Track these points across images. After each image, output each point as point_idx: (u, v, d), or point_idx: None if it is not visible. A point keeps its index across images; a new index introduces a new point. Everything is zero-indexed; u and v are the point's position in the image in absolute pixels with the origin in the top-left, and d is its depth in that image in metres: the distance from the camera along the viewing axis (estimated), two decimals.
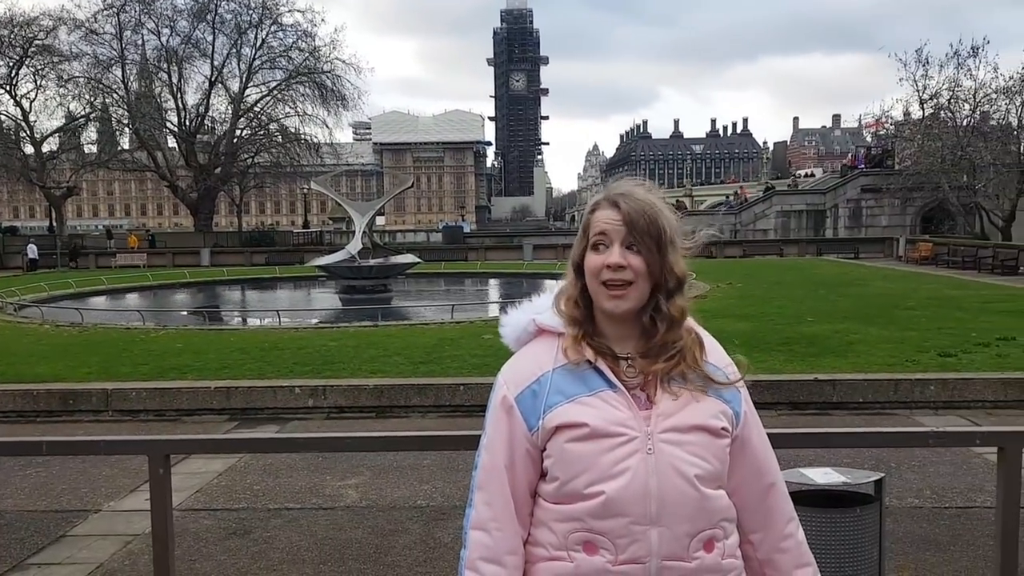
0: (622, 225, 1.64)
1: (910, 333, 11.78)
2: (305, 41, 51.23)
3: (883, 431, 3.56)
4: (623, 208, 1.65)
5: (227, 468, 6.65)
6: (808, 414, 8.42)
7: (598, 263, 1.63)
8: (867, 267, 28.86)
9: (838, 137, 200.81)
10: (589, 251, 1.66)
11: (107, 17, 48.39)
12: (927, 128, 39.98)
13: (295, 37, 51.33)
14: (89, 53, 48.86)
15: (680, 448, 1.60)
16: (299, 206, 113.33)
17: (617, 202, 1.66)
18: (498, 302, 21.63)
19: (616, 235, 1.64)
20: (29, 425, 8.73)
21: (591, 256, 1.65)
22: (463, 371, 9.55)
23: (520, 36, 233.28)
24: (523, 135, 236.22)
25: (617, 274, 1.62)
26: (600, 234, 1.65)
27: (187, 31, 50.20)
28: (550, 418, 1.62)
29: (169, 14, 49.89)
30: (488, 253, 42.54)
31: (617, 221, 1.64)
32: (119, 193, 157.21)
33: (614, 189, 1.70)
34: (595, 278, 1.64)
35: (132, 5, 48.68)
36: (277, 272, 31.20)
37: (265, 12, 50.29)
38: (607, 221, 1.65)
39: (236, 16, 50.42)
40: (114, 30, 48.77)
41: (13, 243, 44.92)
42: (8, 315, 16.89)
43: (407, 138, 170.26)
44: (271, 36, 51.50)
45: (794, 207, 47.46)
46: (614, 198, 1.67)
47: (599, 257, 1.64)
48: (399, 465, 6.64)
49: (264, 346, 11.71)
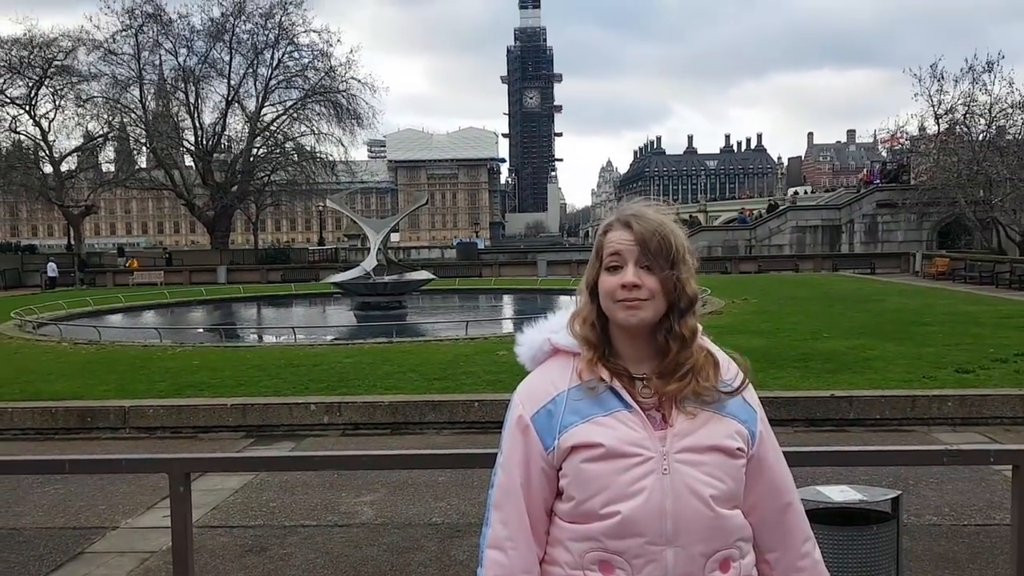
0: (635, 245, 1.65)
1: (927, 349, 11.70)
2: (321, 61, 51.75)
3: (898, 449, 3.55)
4: (635, 228, 1.66)
5: (243, 485, 6.68)
6: (825, 431, 8.38)
7: (613, 283, 1.65)
8: (883, 282, 28.70)
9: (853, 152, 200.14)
10: (603, 272, 1.68)
11: (125, 38, 49.08)
12: (943, 143, 39.85)
13: (311, 57, 51.87)
14: (107, 73, 49.55)
15: (696, 468, 1.61)
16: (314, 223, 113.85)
17: (629, 223, 1.68)
18: (512, 318, 21.63)
19: (630, 255, 1.65)
20: (48, 442, 8.79)
21: (605, 277, 1.67)
22: (477, 388, 9.56)
23: (534, 54, 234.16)
24: (537, 152, 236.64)
25: (632, 293, 1.63)
26: (614, 255, 1.66)
27: (204, 51, 50.79)
28: (566, 438, 1.63)
29: (187, 35, 50.53)
30: (502, 269, 42.58)
31: (630, 241, 1.66)
32: (136, 211, 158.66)
33: (625, 210, 1.72)
34: (610, 298, 1.65)
35: (150, 26, 49.33)
36: (293, 289, 31.34)
37: (282, 32, 50.82)
38: (620, 242, 1.67)
39: (253, 36, 50.97)
40: (132, 51, 49.45)
41: (32, 261, 45.28)
42: (27, 333, 17.02)
43: (421, 155, 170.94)
44: (287, 56, 52.06)
45: (809, 222, 47.29)
46: (626, 219, 1.69)
47: (614, 278, 1.65)
48: (414, 482, 6.65)
49: (280, 363, 11.76)
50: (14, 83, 48.50)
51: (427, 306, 25.40)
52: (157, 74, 51.92)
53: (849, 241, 45.26)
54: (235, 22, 50.17)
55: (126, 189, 70.56)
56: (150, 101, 51.81)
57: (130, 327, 20.50)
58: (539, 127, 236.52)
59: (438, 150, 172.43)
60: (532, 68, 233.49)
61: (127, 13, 48.32)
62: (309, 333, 17.33)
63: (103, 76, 49.44)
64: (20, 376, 11.25)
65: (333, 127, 52.21)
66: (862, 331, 13.95)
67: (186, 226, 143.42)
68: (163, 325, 19.98)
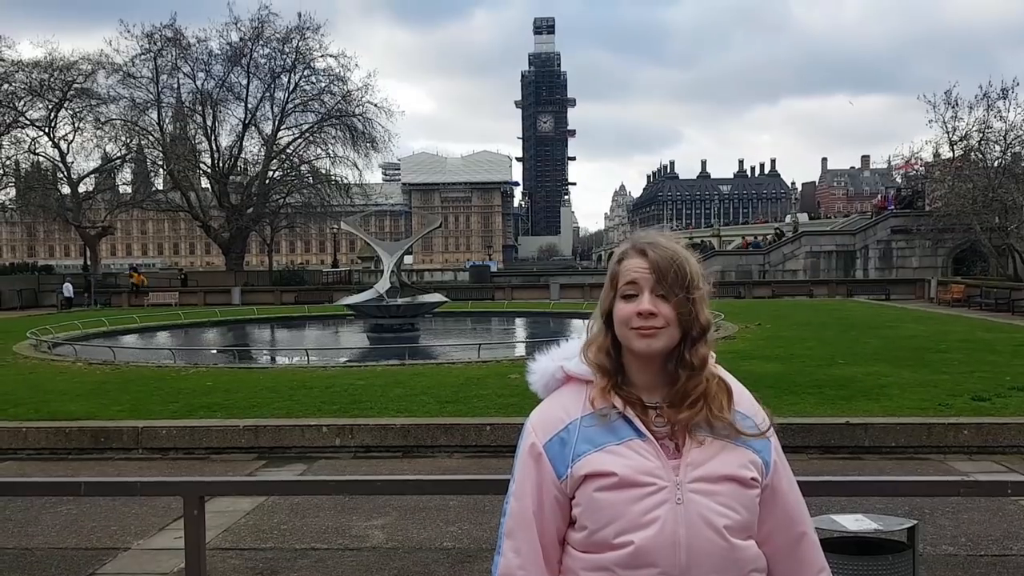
0: (651, 273, 1.65)
1: (943, 376, 11.61)
2: (337, 85, 52.16)
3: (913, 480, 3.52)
4: (651, 256, 1.67)
5: (255, 507, 6.67)
6: (840, 458, 8.31)
7: (629, 311, 1.65)
8: (898, 309, 28.53)
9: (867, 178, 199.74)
10: (619, 300, 1.68)
11: (144, 61, 49.61)
12: (958, 169, 39.72)
13: (327, 81, 52.27)
14: (126, 96, 50.05)
15: (709, 498, 1.60)
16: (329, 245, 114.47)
17: (645, 251, 1.68)
18: (525, 342, 21.63)
19: (645, 283, 1.65)
20: (61, 462, 8.83)
21: (621, 305, 1.67)
22: (489, 411, 9.54)
23: (547, 79, 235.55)
24: (550, 175, 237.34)
25: (648, 321, 1.63)
26: (630, 283, 1.67)
27: (222, 75, 51.28)
28: (578, 466, 1.63)
29: (205, 59, 51.03)
30: (515, 292, 42.56)
31: (646, 269, 1.66)
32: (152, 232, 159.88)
33: (640, 238, 1.73)
34: (625, 326, 1.65)
35: (169, 50, 49.86)
36: (307, 311, 31.44)
37: (299, 57, 51.29)
38: (636, 270, 1.67)
39: (270, 61, 51.48)
40: (151, 74, 49.96)
41: (48, 281, 45.64)
42: (42, 353, 17.13)
43: (435, 179, 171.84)
44: (304, 80, 52.49)
45: (823, 248, 47.15)
46: (641, 247, 1.69)
47: (629, 306, 1.65)
48: (425, 506, 6.62)
49: (293, 385, 11.78)
50: (34, 105, 49.08)
51: (439, 328, 25.41)
52: (175, 97, 52.51)
53: (863, 267, 45.08)
54: (253, 46, 50.73)
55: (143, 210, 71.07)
56: (168, 124, 52.32)
57: (144, 348, 20.61)
58: (552, 151, 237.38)
59: (452, 173, 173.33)
60: (546, 93, 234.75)
61: (147, 37, 48.96)
62: (322, 355, 17.37)
63: (122, 99, 50.02)
64: (35, 396, 11.32)
65: (348, 150, 52.64)
66: (877, 357, 13.85)
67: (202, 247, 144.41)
68: (177, 346, 20.07)
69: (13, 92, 48.04)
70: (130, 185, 58.21)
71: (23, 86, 48.17)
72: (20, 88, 48.15)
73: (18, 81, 48.06)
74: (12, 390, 11.91)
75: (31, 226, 68.06)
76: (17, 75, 47.94)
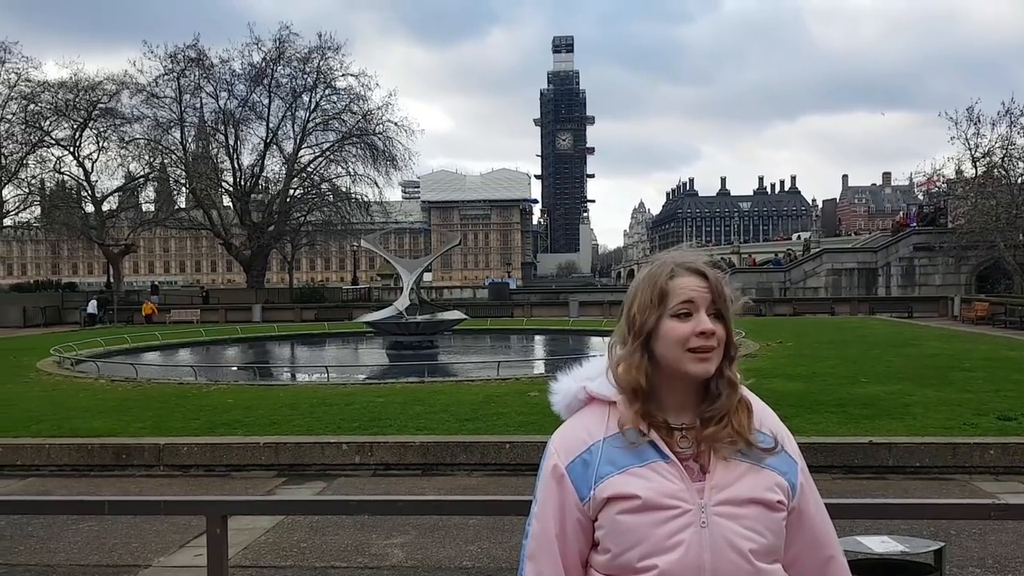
0: (708, 292, 1.64)
1: (967, 395, 11.47)
2: (358, 104, 52.56)
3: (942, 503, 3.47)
4: (711, 276, 1.66)
5: (275, 524, 6.68)
6: (863, 478, 8.22)
7: (686, 331, 1.62)
8: (921, 327, 28.26)
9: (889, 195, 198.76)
10: (669, 319, 1.64)
11: (168, 81, 50.23)
12: (980, 186, 39.45)
13: (348, 100, 52.69)
14: (150, 116, 50.73)
15: (735, 522, 1.58)
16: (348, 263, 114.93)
17: (702, 270, 1.66)
18: (544, 359, 21.59)
19: (703, 302, 1.63)
20: (84, 479, 8.88)
21: (674, 324, 1.63)
22: (509, 429, 9.52)
23: (566, 97, 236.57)
24: (569, 193, 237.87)
25: (708, 341, 1.61)
26: (687, 302, 1.63)
27: (244, 95, 51.83)
28: (601, 488, 1.61)
29: (227, 78, 51.60)
30: (534, 310, 42.57)
31: (704, 289, 1.64)
32: (175, 250, 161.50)
33: (688, 257, 1.69)
34: (680, 346, 1.62)
35: (192, 70, 50.48)
36: (326, 328, 31.56)
37: (320, 77, 51.78)
38: (695, 289, 1.64)
39: (292, 80, 51.99)
40: (174, 94, 50.58)
41: (72, 299, 46.13)
42: (65, 370, 17.28)
43: (455, 196, 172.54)
44: (325, 99, 52.95)
45: (845, 265, 46.87)
46: (697, 266, 1.67)
47: (686, 325, 1.62)
48: (444, 524, 6.60)
49: (313, 402, 11.81)
50: (60, 125, 49.85)
51: (459, 346, 25.43)
52: (198, 116, 53.11)
53: (886, 284, 44.75)
54: (274, 66, 51.26)
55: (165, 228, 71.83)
56: (190, 143, 52.95)
57: (166, 365, 20.75)
58: (571, 168, 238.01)
59: (471, 191, 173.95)
60: (565, 110, 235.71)
61: (170, 58, 49.60)
62: (342, 372, 17.39)
63: (145, 118, 50.70)
64: (58, 412, 11.41)
65: (368, 168, 53.03)
66: (901, 376, 13.71)
67: (223, 265, 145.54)
68: (198, 363, 20.18)
69: (39, 112, 48.84)
70: (153, 203, 58.91)
71: (49, 106, 48.95)
72: (46, 108, 48.94)
73: (44, 101, 48.87)
74: (35, 407, 12.02)
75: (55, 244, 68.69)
76: (43, 95, 48.77)
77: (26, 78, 48.64)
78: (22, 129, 49.25)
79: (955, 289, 39.68)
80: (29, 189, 51.84)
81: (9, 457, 9.27)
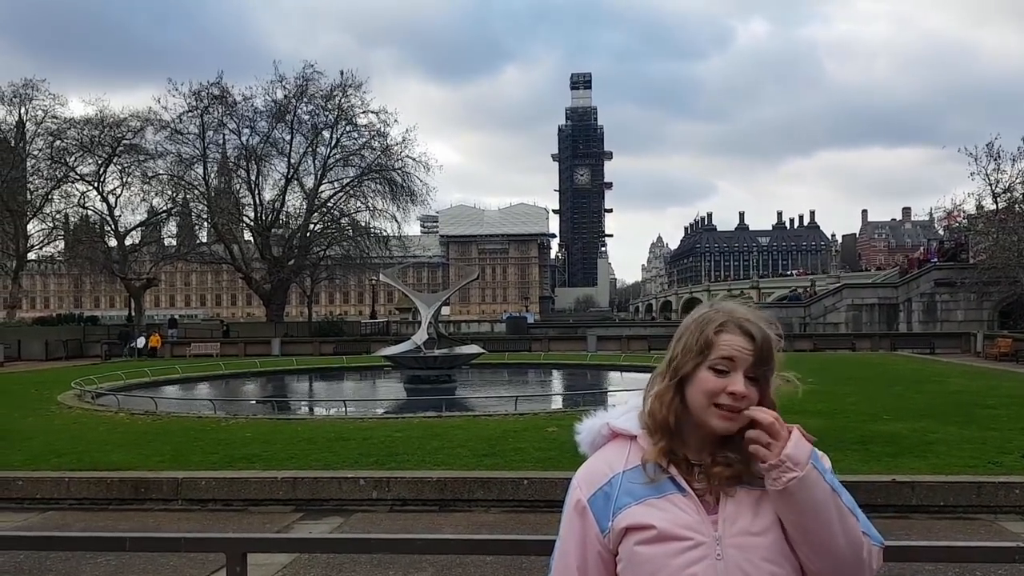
0: (751, 356, 1.65)
1: (992, 433, 11.31)
2: (377, 140, 53.21)
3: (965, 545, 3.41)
4: (758, 340, 1.66)
5: (291, 561, 6.65)
6: (886, 517, 8.07)
7: (718, 386, 1.64)
8: (944, 363, 27.93)
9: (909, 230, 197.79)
10: (705, 370, 1.66)
11: (191, 118, 51.07)
12: (1001, 222, 39.17)
13: (368, 136, 53.34)
14: (173, 152, 51.52)
15: (751, 552, 1.59)
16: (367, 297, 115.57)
17: (752, 333, 1.67)
18: (562, 394, 21.50)
19: (742, 364, 1.65)
20: (102, 512, 8.89)
21: (709, 377, 1.65)
22: (526, 464, 9.46)
23: (584, 132, 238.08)
24: (587, 227, 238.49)
25: (738, 403, 1.63)
26: (727, 359, 1.65)
27: (266, 131, 52.60)
28: (619, 519, 1.63)
29: (250, 115, 52.40)
30: (552, 344, 42.46)
31: (748, 351, 1.65)
32: (196, 284, 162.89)
33: (741, 315, 1.70)
34: (708, 398, 1.64)
35: (215, 107, 51.30)
36: (345, 362, 31.63)
37: (341, 114, 52.45)
38: (739, 349, 1.66)
39: (313, 117, 52.72)
40: (197, 130, 51.41)
41: (93, 332, 46.51)
42: (86, 403, 17.38)
43: (473, 231, 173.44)
44: (345, 136, 53.63)
45: (865, 300, 46.54)
46: (746, 326, 1.68)
47: (720, 381, 1.64)
48: (462, 561, 6.55)
49: (330, 436, 11.80)
50: (84, 161, 50.65)
51: (476, 380, 25.38)
52: (220, 152, 53.88)
53: (907, 320, 44.34)
54: (297, 103, 52.00)
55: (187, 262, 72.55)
56: (213, 178, 53.64)
57: (186, 398, 20.84)
58: (589, 203, 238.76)
59: (489, 225, 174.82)
60: (583, 146, 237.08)
61: (194, 95, 50.45)
62: (360, 406, 17.42)
63: (169, 154, 51.50)
64: (77, 445, 11.46)
65: (388, 203, 53.53)
66: (923, 413, 13.54)
67: (243, 299, 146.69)
68: (218, 396, 20.25)
69: (65, 148, 49.70)
70: (175, 238, 59.65)
71: (74, 142, 49.81)
72: (72, 144, 49.79)
73: (70, 137, 49.74)
74: (56, 440, 12.08)
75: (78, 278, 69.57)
76: (69, 131, 49.64)
77: (52, 115, 49.73)
78: (48, 165, 50.17)
79: (977, 325, 39.24)
80: (53, 223, 52.67)
81: (29, 490, 9.31)
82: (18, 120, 51.05)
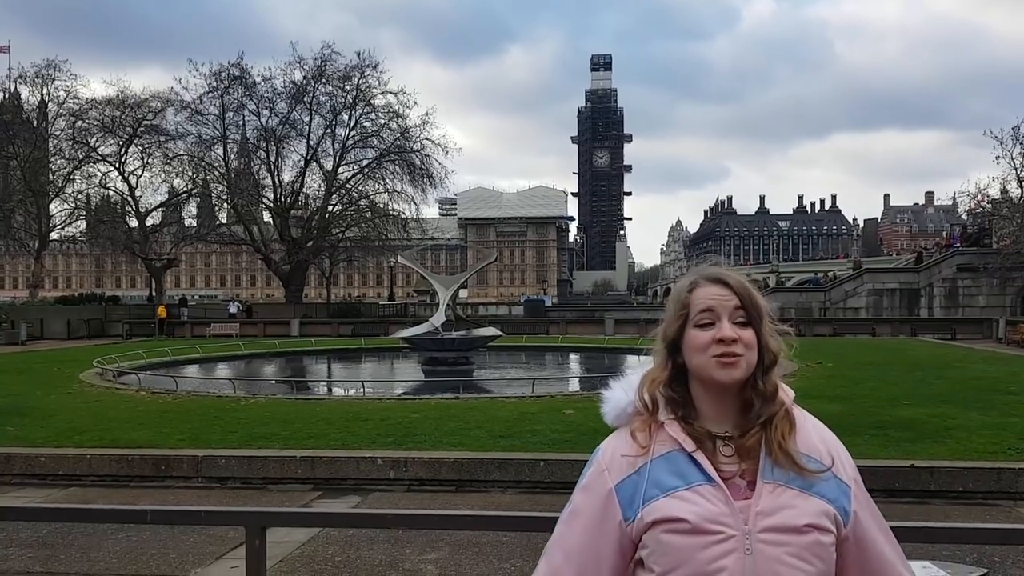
0: (731, 298, 1.65)
1: (1012, 419, 11.22)
2: (396, 122, 53.04)
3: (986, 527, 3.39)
4: (732, 283, 1.67)
5: (309, 538, 6.72)
6: (905, 502, 8.06)
7: (706, 339, 1.63)
8: (965, 349, 27.69)
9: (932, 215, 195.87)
10: (692, 329, 1.66)
11: (211, 99, 51.17)
12: None
13: (386, 118, 53.21)
14: (193, 133, 51.70)
15: (780, 549, 1.55)
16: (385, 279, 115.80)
17: (722, 278, 1.68)
18: (579, 377, 21.49)
19: (723, 310, 1.64)
20: (124, 489, 9.01)
21: (697, 333, 1.65)
22: (543, 446, 9.49)
23: (604, 115, 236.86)
24: (606, 210, 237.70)
25: (730, 347, 1.61)
26: (706, 311, 1.65)
27: (285, 112, 52.58)
28: (647, 511, 1.60)
29: (269, 97, 52.41)
30: (569, 327, 42.41)
31: (725, 296, 1.65)
32: (215, 264, 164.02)
33: (708, 270, 1.72)
34: (703, 354, 1.63)
35: (235, 88, 51.35)
36: (363, 343, 31.76)
37: (359, 95, 52.34)
38: (713, 297, 1.66)
39: (332, 98, 52.62)
40: (217, 111, 51.51)
41: (115, 311, 46.91)
42: (107, 381, 17.57)
43: (491, 213, 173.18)
44: (364, 117, 53.51)
45: (886, 285, 46.18)
46: (716, 275, 1.70)
47: (707, 333, 1.64)
48: (478, 540, 6.59)
49: (348, 416, 11.88)
50: (106, 141, 51.01)
51: (494, 362, 25.44)
52: (240, 133, 53.98)
53: (928, 305, 43.98)
54: (315, 85, 51.97)
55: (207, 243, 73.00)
56: (233, 159, 53.77)
57: (206, 378, 21.01)
58: (608, 186, 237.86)
59: (507, 208, 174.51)
60: (602, 128, 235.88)
61: (214, 76, 50.54)
62: (378, 387, 17.50)
63: (189, 135, 51.69)
64: (99, 423, 11.60)
65: (406, 185, 53.44)
66: (943, 399, 13.45)
67: (262, 280, 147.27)
68: (237, 376, 20.41)
69: (86, 128, 50.04)
70: (195, 219, 59.98)
71: (96, 123, 50.13)
72: (93, 124, 50.12)
73: (91, 118, 50.07)
74: (78, 417, 12.23)
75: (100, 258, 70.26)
76: (91, 112, 49.97)
77: (74, 95, 50.04)
78: (70, 145, 50.53)
79: (999, 311, 38.86)
80: (75, 204, 53.14)
81: (52, 466, 9.44)
82: (40, 101, 51.48)
